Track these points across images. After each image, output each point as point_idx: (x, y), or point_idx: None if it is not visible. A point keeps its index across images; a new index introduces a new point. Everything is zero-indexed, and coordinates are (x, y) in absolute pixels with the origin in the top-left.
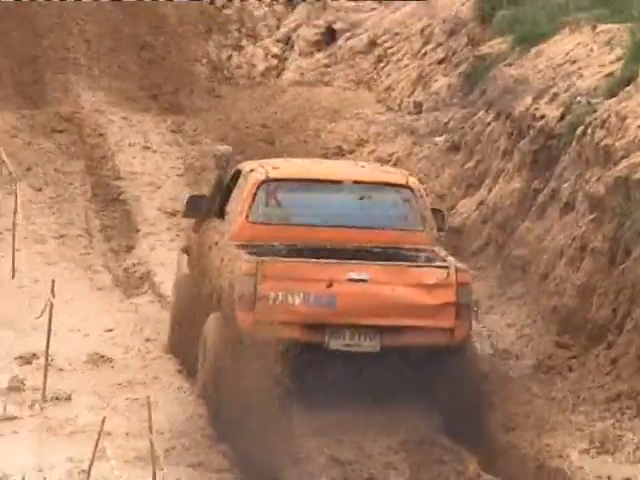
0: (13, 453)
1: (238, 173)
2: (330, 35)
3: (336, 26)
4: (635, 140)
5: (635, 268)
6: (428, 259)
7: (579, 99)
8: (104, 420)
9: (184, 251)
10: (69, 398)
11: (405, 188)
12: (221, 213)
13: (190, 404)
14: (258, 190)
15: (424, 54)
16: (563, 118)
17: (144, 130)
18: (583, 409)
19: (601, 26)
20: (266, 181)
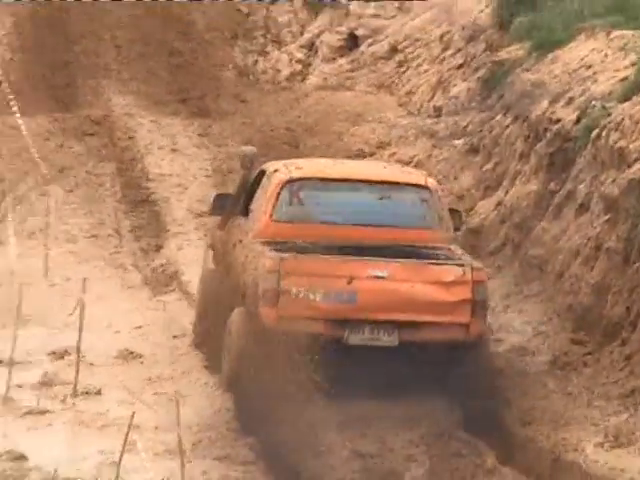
0: (46, 445)
1: (262, 173)
2: (352, 41)
3: (358, 32)
4: None
5: None
6: (445, 257)
7: (594, 103)
8: (134, 414)
9: (210, 247)
10: (100, 392)
11: (423, 188)
12: (246, 211)
13: (217, 398)
14: (282, 189)
15: (443, 59)
16: (579, 121)
17: (172, 133)
18: (598, 404)
19: (615, 32)
20: (289, 181)
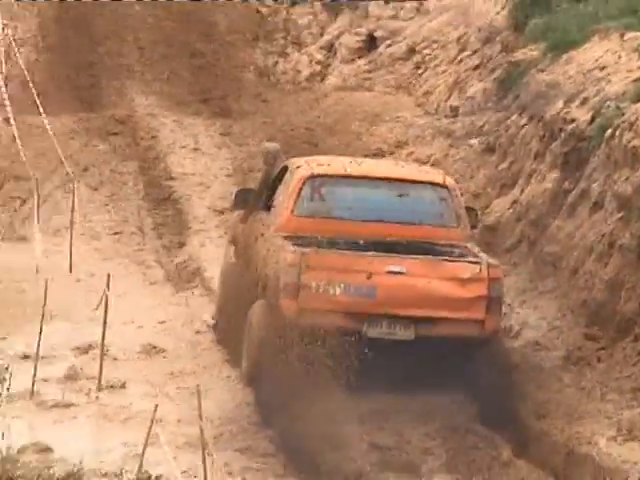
0: (71, 438)
1: (285, 169)
2: (371, 42)
3: (377, 34)
4: None
5: None
6: (462, 254)
7: (608, 103)
8: (156, 407)
9: (231, 241)
10: (123, 386)
11: (442, 187)
12: (268, 206)
13: (238, 392)
14: (304, 185)
15: (460, 61)
16: (593, 121)
17: (194, 133)
18: (611, 398)
19: (629, 34)
20: (311, 177)
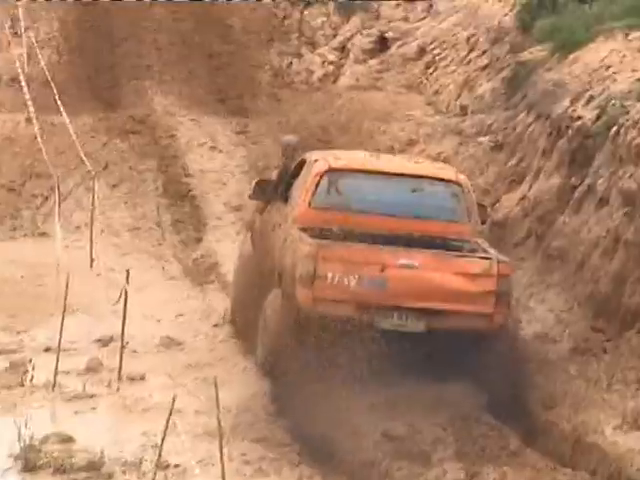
0: (92, 428)
1: (303, 162)
2: (382, 43)
3: (388, 35)
4: None
5: None
6: (472, 250)
7: (613, 101)
8: (175, 398)
9: (248, 229)
10: (143, 378)
11: (454, 183)
12: (285, 197)
13: (254, 383)
14: (321, 179)
15: (470, 61)
16: (598, 119)
17: (211, 131)
18: (617, 388)
19: (633, 34)
20: (329, 171)
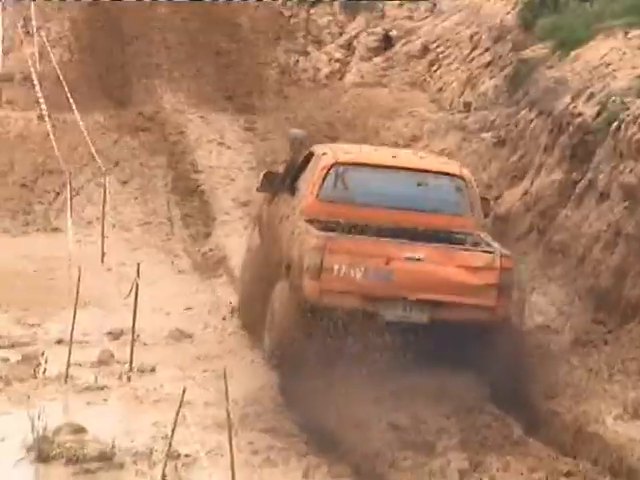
0: (104, 419)
1: (310, 155)
2: (387, 41)
3: (393, 33)
4: None
5: None
6: (475, 243)
7: (613, 98)
8: (185, 390)
9: (256, 220)
10: (153, 370)
11: (458, 177)
12: (292, 189)
13: (262, 375)
14: (328, 172)
15: (472, 58)
16: (599, 115)
17: (220, 128)
18: (617, 379)
19: (633, 32)
20: (336, 164)
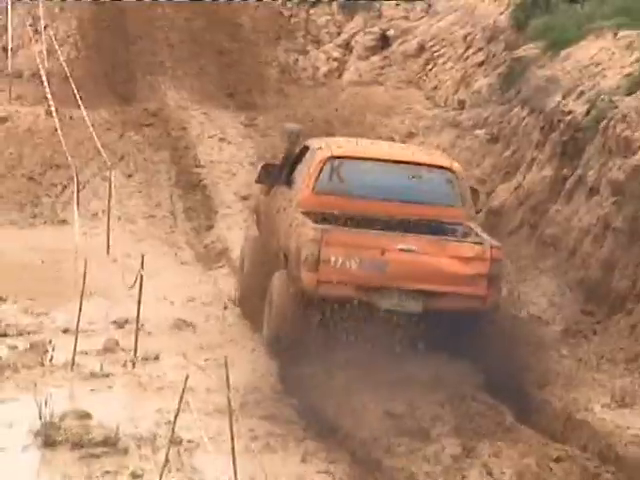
0: (108, 405)
1: (306, 148)
2: (384, 41)
3: (389, 33)
4: None
5: None
6: (466, 233)
7: (602, 96)
8: (187, 377)
9: (254, 211)
10: (157, 358)
11: (449, 170)
12: (289, 182)
13: (262, 363)
14: (324, 165)
15: (467, 57)
16: (588, 113)
17: (221, 124)
18: (606, 368)
19: (622, 32)
20: (331, 157)
